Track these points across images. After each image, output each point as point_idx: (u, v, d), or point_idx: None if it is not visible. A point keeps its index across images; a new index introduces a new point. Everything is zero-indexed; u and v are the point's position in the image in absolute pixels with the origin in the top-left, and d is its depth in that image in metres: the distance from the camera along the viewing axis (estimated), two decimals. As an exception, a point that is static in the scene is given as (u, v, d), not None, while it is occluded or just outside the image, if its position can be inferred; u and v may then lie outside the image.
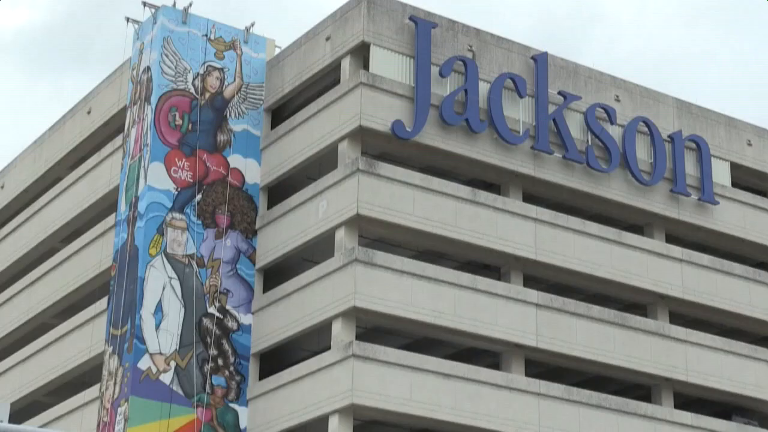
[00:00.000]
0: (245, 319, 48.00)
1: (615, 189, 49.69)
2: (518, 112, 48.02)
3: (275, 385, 46.17)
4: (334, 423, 43.24)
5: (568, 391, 46.14)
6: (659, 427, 47.39)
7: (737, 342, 50.83)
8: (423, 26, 46.96)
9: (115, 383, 47.04)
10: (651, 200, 50.42)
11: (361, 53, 46.99)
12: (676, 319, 50.49)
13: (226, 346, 47.46)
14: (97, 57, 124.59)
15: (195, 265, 47.72)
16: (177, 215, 48.07)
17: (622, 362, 47.61)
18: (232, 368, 47.32)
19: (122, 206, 50.19)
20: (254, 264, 48.70)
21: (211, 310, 47.60)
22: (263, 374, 47.44)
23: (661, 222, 51.06)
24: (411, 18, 47.01)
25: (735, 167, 53.83)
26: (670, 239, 51.25)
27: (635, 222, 51.07)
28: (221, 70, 50.42)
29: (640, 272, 49.15)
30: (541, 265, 47.49)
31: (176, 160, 48.73)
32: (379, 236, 46.20)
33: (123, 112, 52.89)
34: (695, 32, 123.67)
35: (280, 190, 49.28)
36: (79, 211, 55.83)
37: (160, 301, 47.02)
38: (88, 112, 57.21)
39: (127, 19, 52.28)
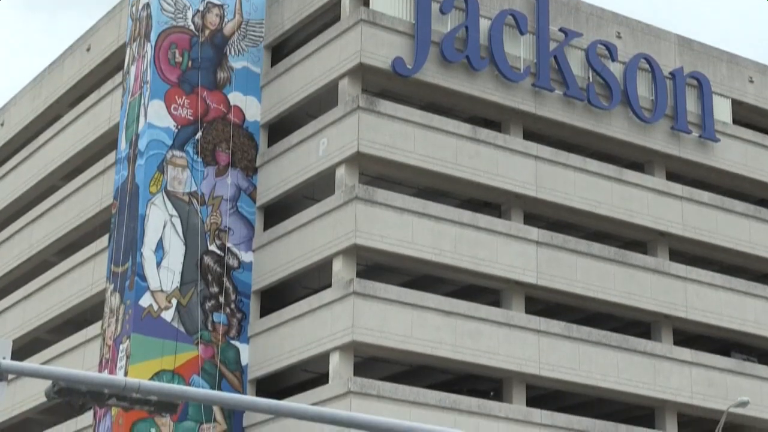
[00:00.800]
0: (246, 256, 48.08)
1: (616, 126, 49.57)
2: (519, 49, 47.78)
3: (276, 323, 46.33)
4: (334, 360, 43.42)
5: (567, 328, 46.30)
6: (658, 363, 47.61)
7: (737, 279, 50.95)
8: (424, -38, 46.60)
9: (116, 320, 47.21)
10: (652, 137, 50.31)
11: (362, -10, 46.71)
12: (677, 256, 50.57)
13: (227, 284, 47.58)
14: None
15: (196, 203, 47.72)
16: (177, 153, 47.98)
17: (622, 299, 47.75)
18: (233, 305, 47.48)
19: (122, 144, 50.09)
20: (255, 202, 48.70)
21: (212, 247, 47.66)
22: (264, 312, 47.59)
23: (662, 159, 50.98)
24: (411, -46, 46.64)
25: (736, 104, 53.65)
26: (671, 177, 51.21)
27: (636, 159, 50.99)
28: (221, 6, 50.10)
29: (641, 209, 49.16)
30: (542, 203, 47.48)
31: (176, 97, 48.56)
32: (379, 174, 46.15)
33: (122, 49, 52.63)
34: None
35: (280, 128, 49.16)
36: (79, 149, 55.77)
37: (161, 238, 47.06)
38: (88, 50, 56.96)
39: (126, -45, 51.93)
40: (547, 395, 47.34)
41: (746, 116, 54.33)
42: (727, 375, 49.02)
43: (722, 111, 52.58)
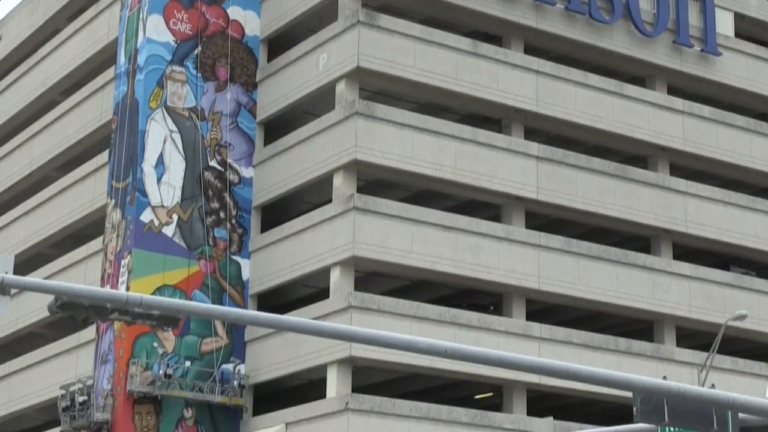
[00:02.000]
0: (246, 172, 48.09)
1: (617, 41, 49.29)
2: (520, -37, 47.38)
3: (277, 238, 46.47)
4: (335, 275, 43.62)
5: (567, 243, 46.44)
6: (658, 278, 47.83)
7: (737, 193, 50.99)
8: None
9: (117, 236, 47.35)
10: (653, 51, 50.04)
11: None
12: (677, 171, 50.56)
13: (228, 199, 47.64)
14: None
15: (195, 119, 47.62)
16: (177, 68, 47.78)
17: (622, 214, 47.84)
18: (233, 221, 47.58)
19: (121, 59, 49.86)
20: (255, 117, 48.59)
21: (213, 163, 47.65)
22: (265, 227, 47.70)
23: (663, 74, 50.76)
24: None
25: (739, 18, 53.28)
26: (672, 91, 51.02)
27: (637, 74, 50.77)
28: None
29: (642, 124, 49.06)
30: (542, 118, 47.37)
31: (175, 12, 48.24)
32: (379, 89, 45.99)
33: (120, -37, 52.17)
34: None
35: (280, 43, 48.88)
36: (78, 64, 55.52)
37: (161, 154, 47.04)
38: (85, -37, 56.47)
39: None
40: (546, 309, 47.62)
41: (748, 30, 53.98)
42: (726, 288, 49.27)
43: (724, 24, 52.24)
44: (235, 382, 45.62)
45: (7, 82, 61.82)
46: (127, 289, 44.55)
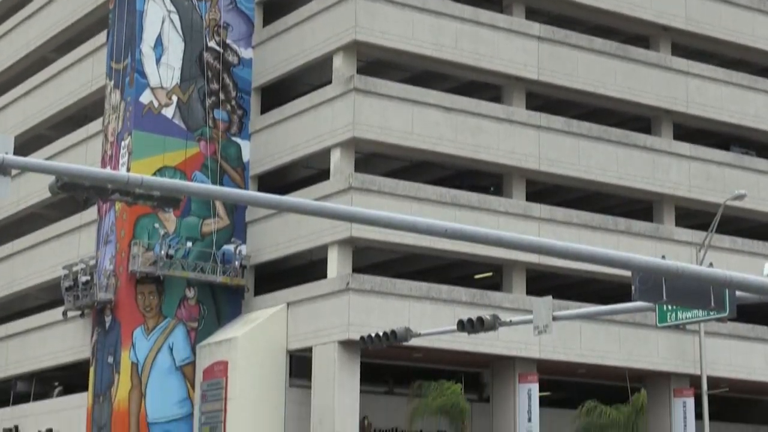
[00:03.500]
0: (246, 53, 47.79)
1: None
2: None
3: (277, 119, 46.38)
4: (335, 156, 43.63)
5: (568, 123, 46.36)
6: (658, 158, 47.84)
7: (738, 73, 50.75)
8: None
9: (117, 117, 47.25)
10: (657, -71, 49.42)
11: None
12: (679, 50, 50.24)
13: (228, 80, 47.42)
14: None
15: (194, -1, 47.20)
16: (174, -53, 47.19)
17: (623, 94, 47.67)
18: (233, 102, 47.43)
19: (118, -62, 49.25)
20: (253, -3, 48.17)
21: (211, 44, 47.33)
22: (265, 108, 47.57)
23: (667, -48, 50.19)
24: None
25: None
26: (675, -31, 50.49)
27: (640, -48, 50.18)
28: None
29: (643, 3, 48.63)
30: (544, -3, 47.00)
31: None
32: (379, -32, 45.48)
33: None
34: None
35: None
36: (74, -57, 54.85)
37: (159, 34, 46.70)
38: None
39: None
40: (546, 190, 47.71)
41: None
42: (726, 168, 49.31)
43: None
44: (237, 263, 45.94)
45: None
46: (128, 170, 44.59)
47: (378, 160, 45.91)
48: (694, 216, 49.23)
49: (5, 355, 54.69)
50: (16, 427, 51.86)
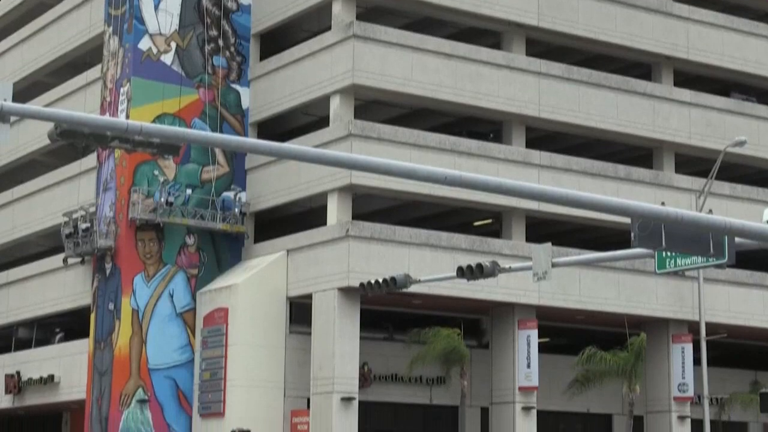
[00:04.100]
0: (244, -1, 47.64)
1: None
2: None
3: (276, 66, 46.24)
4: (335, 103, 43.56)
5: (568, 70, 46.23)
6: (658, 105, 47.75)
7: (739, 18, 50.52)
8: None
9: (116, 64, 47.10)
10: None
11: None
12: (679, -4, 50.06)
13: (226, 27, 47.23)
14: None
15: (192, -56, 46.92)
16: None
17: (623, 41, 47.49)
18: (232, 49, 47.26)
19: None
20: (252, -58, 47.86)
21: (210, -10, 47.15)
22: (264, 55, 47.41)
23: None
24: None
25: None
26: None
27: None
28: None
29: (645, -51, 48.40)
30: (544, -58, 46.69)
31: None
32: None
33: None
34: None
35: None
36: None
37: (157, -20, 46.49)
38: None
39: None
40: (546, 137, 47.67)
41: None
42: (726, 115, 49.23)
43: None
44: (236, 210, 45.99)
45: None
46: (127, 117, 44.50)
47: (377, 107, 45.83)
48: (693, 163, 49.22)
49: (6, 302, 54.88)
50: (18, 373, 52.13)
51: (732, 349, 51.34)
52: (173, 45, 46.32)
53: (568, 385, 43.40)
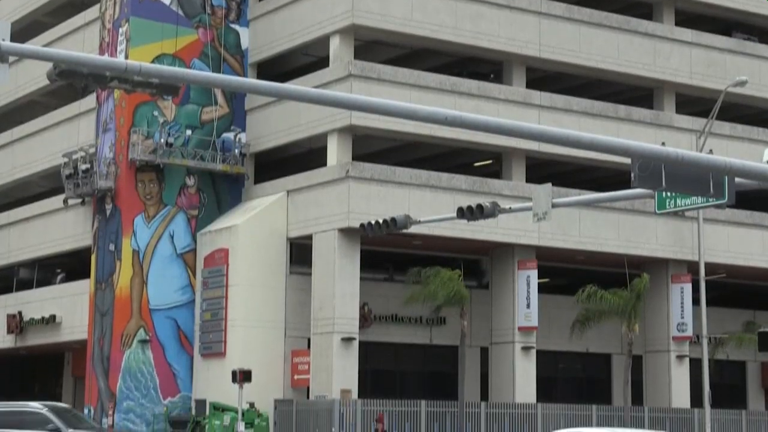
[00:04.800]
0: (243, -62, 47.31)
1: None
2: None
3: (275, 6, 46.00)
4: (335, 43, 43.39)
5: (569, 9, 45.99)
6: (659, 44, 47.56)
7: (742, -42, 50.29)
8: None
9: (114, 3, 46.85)
10: None
11: None
12: (681, -65, 49.72)
13: (225, -34, 46.98)
14: None
15: None
16: None
17: (624, -20, 47.29)
18: (231, -12, 47.01)
19: None
20: None
21: (209, -71, 46.83)
22: (263, -6, 47.19)
23: None
24: None
25: None
26: None
27: None
28: None
29: None
30: None
31: None
32: None
33: None
34: None
35: None
36: None
37: None
38: None
39: None
40: (546, 77, 47.52)
41: None
42: (727, 54, 49.05)
43: None
44: (236, 151, 45.94)
45: None
46: (126, 58, 44.34)
47: (377, 47, 45.64)
48: (694, 103, 49.10)
49: (7, 243, 54.99)
50: (20, 313, 52.35)
51: (731, 289, 51.50)
52: (172, -16, 46.08)
53: (570, 327, 43.58)
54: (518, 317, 44.03)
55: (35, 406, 33.58)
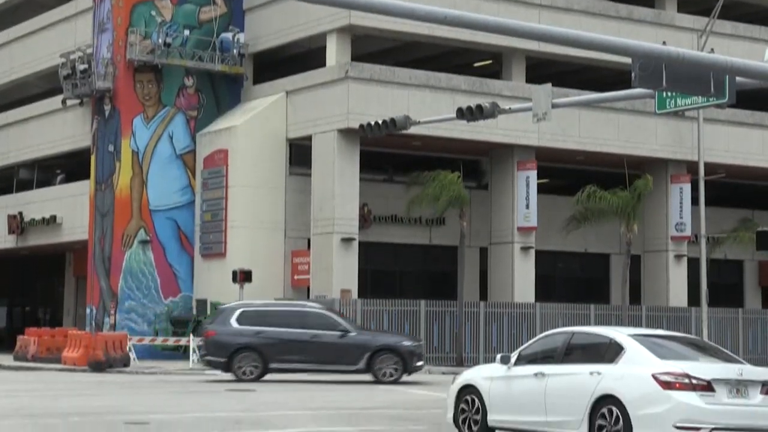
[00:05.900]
0: None
1: None
2: None
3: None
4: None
5: None
6: (661, -58, 47.13)
7: None
8: None
9: None
10: None
11: None
12: None
13: None
14: None
15: None
16: None
17: None
18: None
19: None
20: None
21: None
22: None
23: None
24: None
25: None
26: None
27: None
28: None
29: None
30: None
31: None
32: None
33: None
34: None
35: None
36: None
37: None
38: None
39: None
40: (547, -25, 47.12)
41: None
42: (730, -46, 48.60)
43: None
44: (235, 51, 45.68)
45: None
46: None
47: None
48: (696, 2, 48.72)
49: (6, 143, 54.97)
50: (21, 214, 52.50)
51: (730, 190, 51.57)
52: None
53: (566, 221, 43.60)
54: (517, 217, 44.16)
55: (316, 306, 34.30)
